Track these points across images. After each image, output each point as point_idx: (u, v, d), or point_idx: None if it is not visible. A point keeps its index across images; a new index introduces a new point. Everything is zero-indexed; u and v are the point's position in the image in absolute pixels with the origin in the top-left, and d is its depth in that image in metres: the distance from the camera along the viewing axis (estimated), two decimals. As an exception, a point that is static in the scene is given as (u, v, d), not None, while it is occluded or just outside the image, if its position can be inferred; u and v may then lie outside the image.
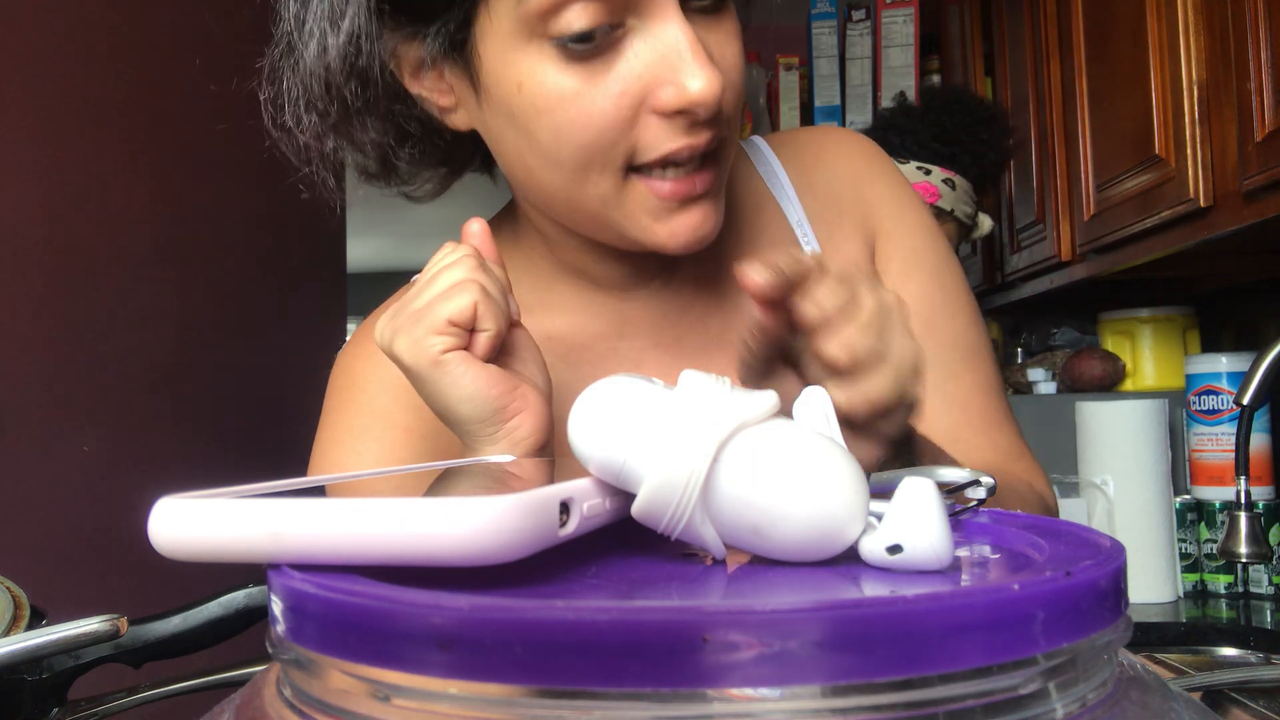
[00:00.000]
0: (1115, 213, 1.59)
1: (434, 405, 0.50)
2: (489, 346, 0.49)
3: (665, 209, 0.54)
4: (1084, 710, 0.23)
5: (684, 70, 0.50)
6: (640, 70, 0.51)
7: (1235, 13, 1.24)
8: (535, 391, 0.50)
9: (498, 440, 0.49)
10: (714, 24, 0.53)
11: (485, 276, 0.49)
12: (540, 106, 0.52)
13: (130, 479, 1.24)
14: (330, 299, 2.05)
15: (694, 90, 0.50)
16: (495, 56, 0.53)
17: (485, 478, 0.38)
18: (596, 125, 0.51)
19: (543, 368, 0.53)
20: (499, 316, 0.49)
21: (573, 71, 0.51)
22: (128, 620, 0.50)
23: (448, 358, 0.47)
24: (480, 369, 0.48)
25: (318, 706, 0.24)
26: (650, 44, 0.51)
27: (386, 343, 0.50)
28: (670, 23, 0.51)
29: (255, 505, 0.26)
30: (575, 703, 0.20)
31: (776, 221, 0.68)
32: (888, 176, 0.70)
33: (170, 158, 1.38)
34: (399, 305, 0.50)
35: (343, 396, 0.65)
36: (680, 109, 0.51)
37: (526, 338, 0.53)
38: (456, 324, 0.47)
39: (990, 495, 0.36)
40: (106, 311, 1.25)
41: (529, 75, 0.52)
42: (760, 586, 0.28)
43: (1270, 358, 1.07)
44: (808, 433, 0.30)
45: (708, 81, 0.50)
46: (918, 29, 2.54)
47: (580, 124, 0.52)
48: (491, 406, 0.48)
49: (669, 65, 0.51)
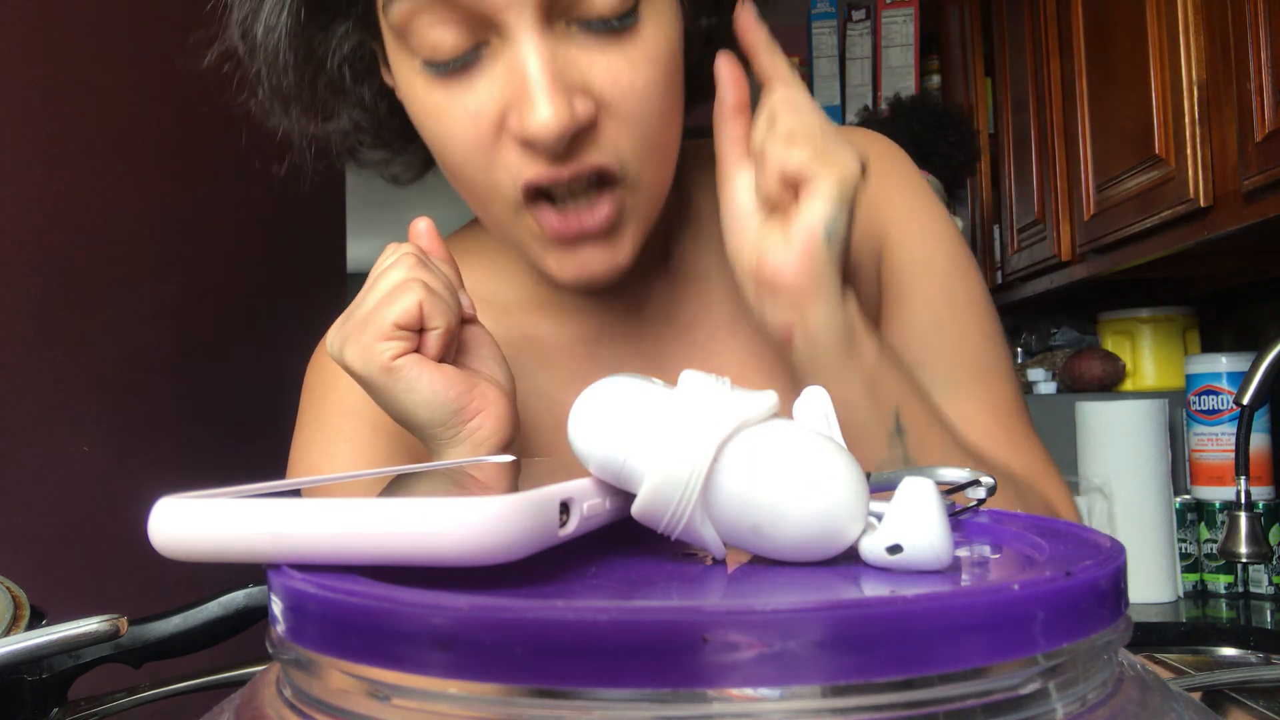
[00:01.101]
0: (1115, 213, 1.59)
1: (392, 412, 0.49)
2: (440, 345, 0.48)
3: (553, 243, 0.52)
4: (1084, 710, 0.23)
5: (525, 102, 0.47)
6: (496, 94, 0.48)
7: (1235, 13, 1.24)
8: (495, 388, 0.49)
9: (460, 442, 0.48)
10: (610, 45, 0.48)
11: (427, 274, 0.48)
12: (418, 118, 0.52)
13: (130, 479, 1.24)
14: (330, 299, 2.05)
15: (531, 124, 0.46)
16: (393, 62, 0.53)
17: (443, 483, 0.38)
18: (460, 145, 0.50)
19: (502, 363, 0.52)
20: (447, 313, 0.48)
21: (436, 87, 0.50)
22: (128, 620, 0.50)
23: (399, 363, 0.46)
24: (435, 371, 0.47)
25: (318, 706, 0.24)
26: (505, 67, 0.48)
27: (337, 352, 0.48)
28: (521, 44, 0.47)
29: (255, 505, 0.26)
30: (575, 703, 0.20)
31: None
32: (902, 181, 0.66)
33: (170, 157, 1.38)
34: (346, 313, 0.50)
35: (314, 395, 0.65)
36: (524, 141, 0.48)
37: (483, 334, 0.52)
38: (403, 326, 0.46)
39: (990, 495, 0.36)
40: (106, 311, 1.25)
41: (406, 86, 0.52)
42: (760, 586, 0.28)
43: (1270, 358, 1.07)
44: (808, 432, 0.30)
45: (548, 116, 0.46)
46: (918, 29, 2.54)
47: (447, 142, 0.51)
48: (450, 408, 0.47)
49: (515, 93, 0.48)
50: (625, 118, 0.49)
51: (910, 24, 2.54)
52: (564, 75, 0.47)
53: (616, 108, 0.49)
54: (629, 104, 0.49)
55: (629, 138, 0.50)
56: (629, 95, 0.49)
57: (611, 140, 0.49)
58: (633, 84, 0.49)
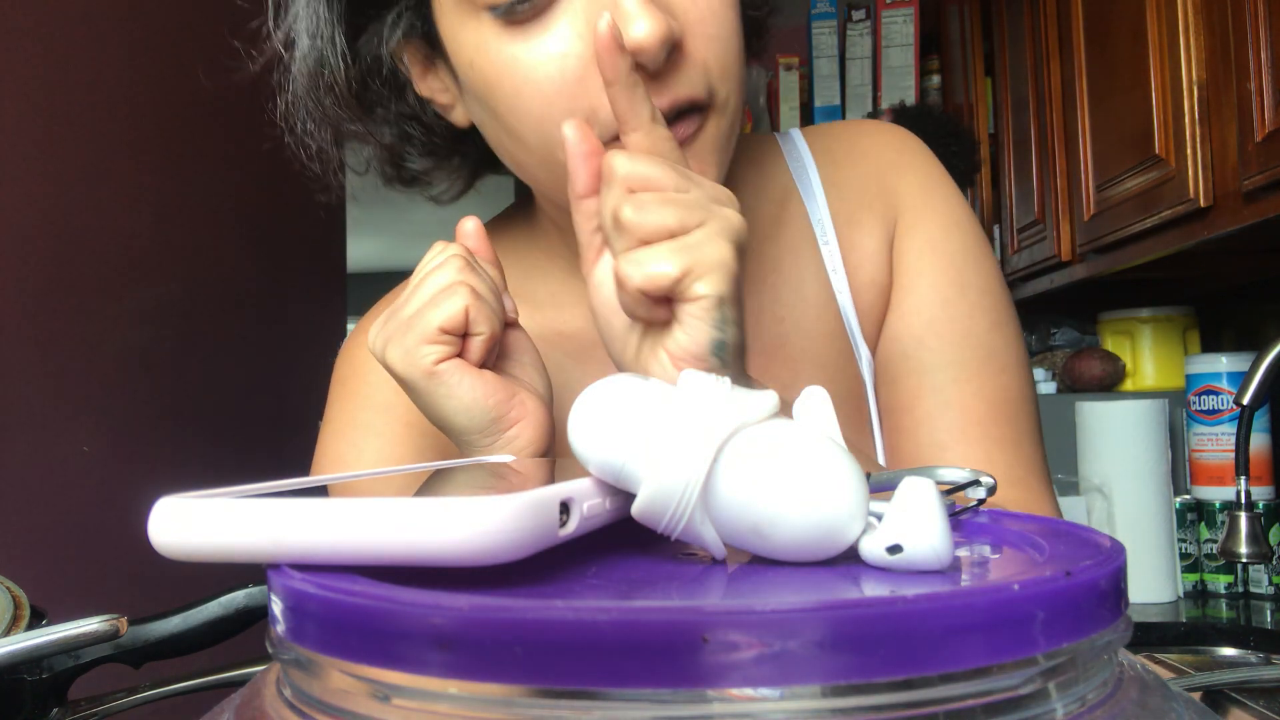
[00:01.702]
0: (1115, 213, 1.59)
1: (430, 415, 0.48)
2: (483, 351, 0.47)
3: None
4: (1084, 710, 0.23)
5: (620, 17, 0.45)
6: (579, 27, 0.48)
7: (1235, 13, 1.24)
8: (534, 398, 0.49)
9: (497, 450, 0.48)
10: None
11: (475, 277, 0.48)
12: (491, 81, 0.50)
13: (130, 479, 1.24)
14: (330, 299, 2.05)
15: (630, 36, 0.45)
16: (450, 36, 0.52)
17: (483, 476, 0.38)
18: (543, 92, 0.49)
19: (542, 371, 0.52)
20: (492, 319, 0.47)
21: (513, 39, 0.48)
22: (128, 620, 0.50)
23: (442, 368, 0.46)
24: (476, 378, 0.47)
25: (318, 706, 0.24)
26: None
27: (379, 352, 0.48)
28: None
29: (255, 505, 0.26)
30: (575, 703, 0.20)
31: (797, 219, 0.65)
32: (918, 167, 0.65)
33: (170, 157, 1.38)
34: (390, 311, 0.49)
35: (345, 389, 0.65)
36: None
37: (524, 339, 0.52)
38: (448, 331, 0.46)
39: (990, 495, 0.36)
40: (106, 311, 1.25)
41: (476, 50, 0.50)
42: (760, 586, 0.28)
43: (1270, 358, 1.07)
44: (808, 432, 0.30)
45: (649, 26, 0.45)
46: (918, 29, 2.54)
47: (527, 93, 0.49)
48: (489, 416, 0.47)
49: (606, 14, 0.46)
50: (709, 37, 0.49)
51: (910, 24, 2.54)
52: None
53: (700, 28, 0.49)
54: (710, 24, 0.49)
55: (715, 58, 0.49)
56: (709, 16, 0.49)
57: (700, 64, 0.49)
58: (710, 4, 0.49)
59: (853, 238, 0.64)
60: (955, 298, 0.62)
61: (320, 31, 0.54)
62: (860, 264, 0.64)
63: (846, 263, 0.64)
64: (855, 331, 0.63)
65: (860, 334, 0.63)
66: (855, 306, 0.63)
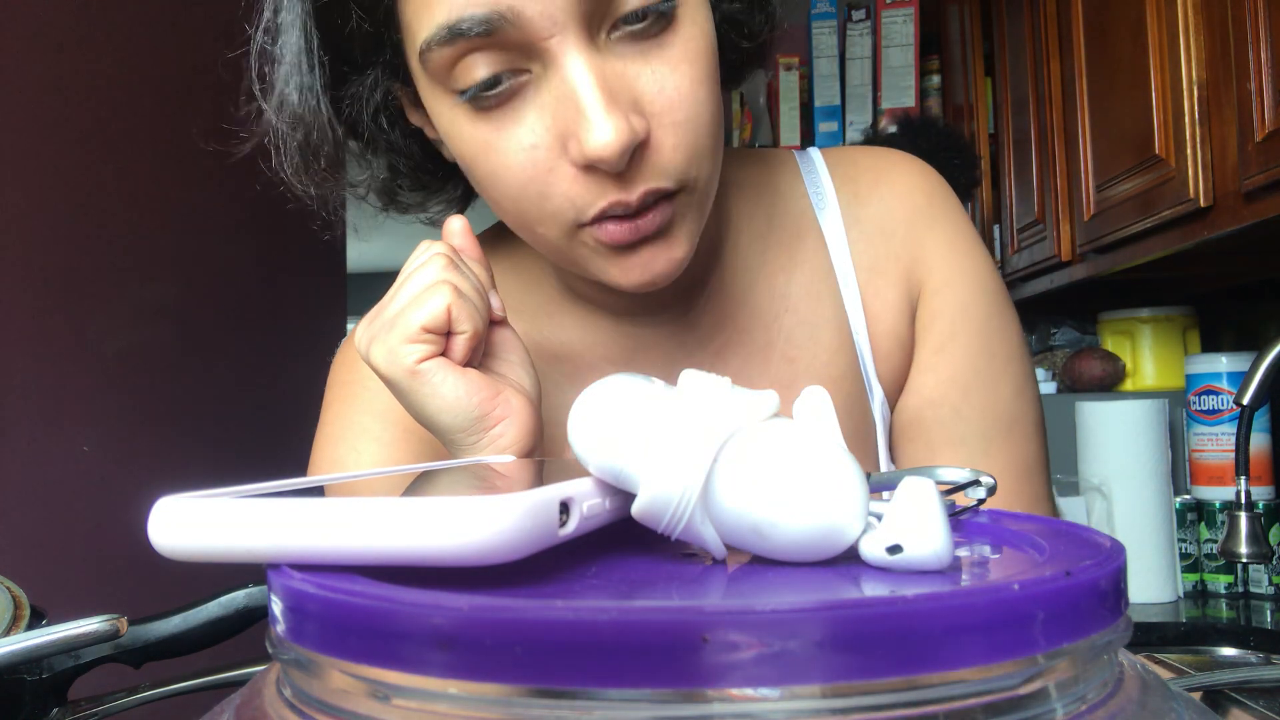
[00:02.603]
0: (1115, 213, 1.59)
1: (415, 414, 0.48)
2: (466, 349, 0.47)
3: (615, 251, 0.51)
4: (1084, 710, 0.23)
5: (581, 124, 0.46)
6: (548, 121, 0.47)
7: (1235, 13, 1.24)
8: (520, 396, 0.49)
9: (482, 449, 0.48)
10: (651, 50, 0.48)
11: (458, 276, 0.48)
12: (466, 156, 0.51)
13: (130, 479, 1.24)
14: (330, 299, 2.05)
15: (590, 145, 0.45)
16: (429, 106, 0.52)
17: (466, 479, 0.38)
18: (516, 179, 0.49)
19: (530, 368, 0.52)
20: (475, 317, 0.47)
21: (483, 124, 0.48)
22: (128, 620, 0.50)
23: (424, 367, 0.46)
24: (459, 377, 0.47)
25: (318, 706, 0.24)
26: (552, 92, 0.47)
27: (364, 350, 0.48)
28: (568, 65, 0.46)
29: (255, 505, 0.26)
30: (575, 703, 0.20)
31: (816, 257, 0.64)
32: (948, 219, 0.64)
33: (170, 157, 1.38)
34: (375, 311, 0.49)
35: (342, 393, 0.64)
36: (585, 164, 0.47)
37: (512, 337, 0.52)
38: (431, 330, 0.46)
39: (990, 495, 0.36)
40: (106, 311, 1.25)
41: (450, 127, 0.51)
42: (760, 586, 0.28)
43: (1270, 358, 1.07)
44: (808, 433, 0.30)
45: (611, 134, 0.45)
46: (918, 29, 2.54)
47: (502, 177, 0.49)
48: (473, 415, 0.47)
49: (569, 116, 0.46)
50: (675, 124, 0.48)
51: (910, 24, 2.54)
52: (614, 91, 0.46)
53: (667, 117, 0.48)
54: (678, 111, 0.48)
55: (683, 146, 0.49)
56: (676, 102, 0.48)
57: (667, 155, 0.48)
58: (678, 89, 0.48)
59: (876, 285, 0.63)
60: (984, 369, 0.62)
61: (303, 89, 0.54)
62: (881, 313, 0.63)
63: (867, 310, 0.63)
64: (870, 374, 0.63)
65: (875, 376, 0.63)
66: (873, 352, 0.63)
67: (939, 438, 0.63)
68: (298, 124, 0.55)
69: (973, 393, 0.62)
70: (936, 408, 0.63)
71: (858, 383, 0.63)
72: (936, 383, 0.63)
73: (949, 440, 0.62)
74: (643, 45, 0.48)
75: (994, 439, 0.62)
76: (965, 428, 0.62)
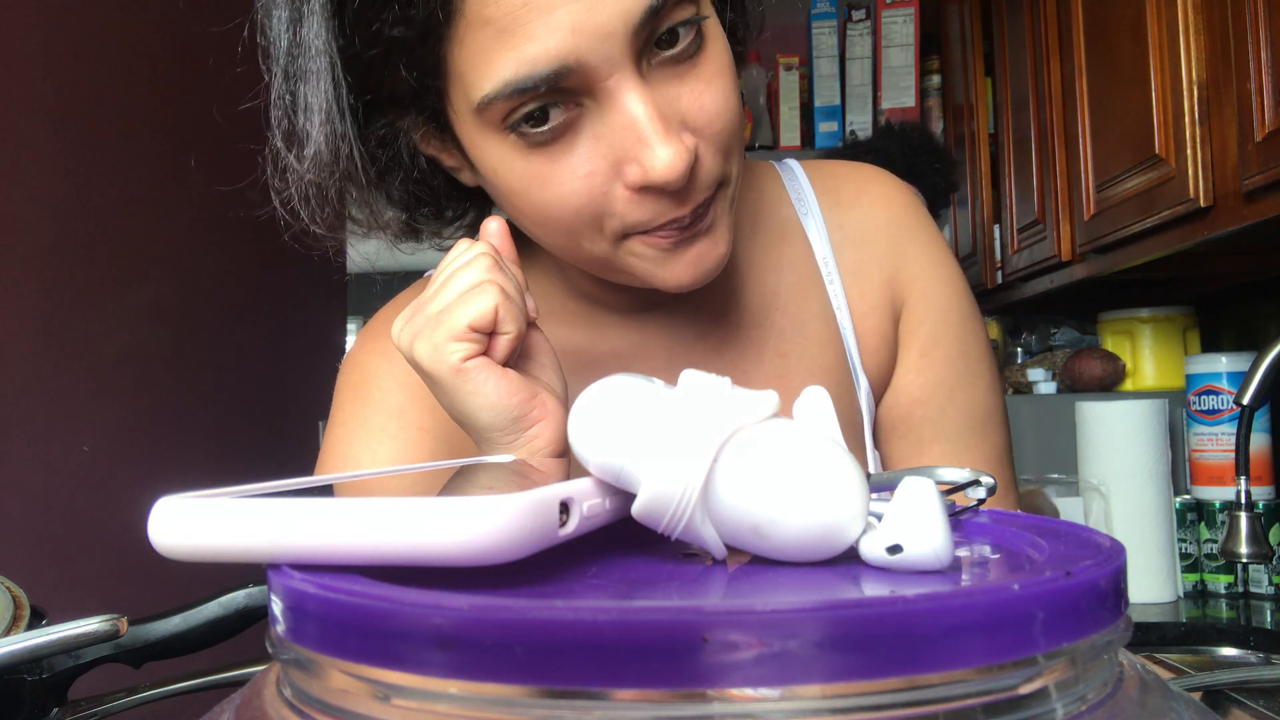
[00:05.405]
0: (1115, 213, 1.59)
1: (453, 411, 0.49)
2: (509, 350, 0.48)
3: (665, 253, 0.53)
4: (1084, 710, 0.23)
5: (643, 150, 0.48)
6: (604, 150, 0.49)
7: (1235, 13, 1.24)
8: (554, 399, 0.50)
9: (518, 449, 0.48)
10: (687, 71, 0.50)
11: (503, 277, 0.48)
12: (516, 190, 0.52)
13: (130, 479, 1.24)
14: (330, 299, 2.05)
15: (656, 171, 0.48)
16: (470, 143, 0.53)
17: (505, 475, 0.38)
18: (572, 206, 0.50)
19: (559, 372, 0.53)
20: (519, 318, 0.48)
21: (537, 158, 0.50)
22: (128, 620, 0.50)
23: (469, 365, 0.47)
24: (501, 377, 0.47)
25: (318, 706, 0.24)
26: (608, 123, 0.49)
27: (405, 347, 0.49)
28: (625, 99, 0.48)
29: (255, 505, 0.26)
30: (575, 703, 0.20)
31: (802, 257, 0.67)
32: (925, 232, 0.68)
33: (170, 157, 1.38)
34: (415, 306, 0.49)
35: (356, 392, 0.65)
36: (647, 187, 0.49)
37: (543, 340, 0.53)
38: (477, 329, 0.46)
39: (990, 495, 0.36)
40: (106, 311, 1.25)
41: (499, 163, 0.51)
42: (760, 586, 0.28)
43: (1270, 358, 1.07)
44: (808, 432, 0.30)
45: (671, 158, 0.47)
46: (918, 29, 2.54)
47: (555, 205, 0.51)
48: (512, 415, 0.47)
49: (628, 144, 0.48)
50: (714, 135, 0.51)
51: (910, 24, 2.54)
52: (666, 117, 0.49)
53: (709, 130, 0.51)
54: (716, 124, 0.51)
55: (722, 155, 0.52)
56: (714, 116, 0.51)
57: (710, 165, 0.51)
58: (715, 103, 0.51)
59: (860, 286, 0.67)
60: (963, 372, 0.67)
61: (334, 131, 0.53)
62: (866, 313, 0.67)
63: (852, 310, 0.67)
64: (857, 367, 0.67)
65: (861, 368, 0.67)
66: (859, 347, 0.67)
67: (927, 434, 0.67)
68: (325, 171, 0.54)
69: (956, 392, 0.67)
70: (924, 406, 0.67)
71: (845, 373, 0.66)
72: (924, 383, 0.67)
73: (936, 436, 0.67)
74: (679, 69, 0.50)
75: (975, 432, 0.67)
76: (950, 425, 0.67)
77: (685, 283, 0.54)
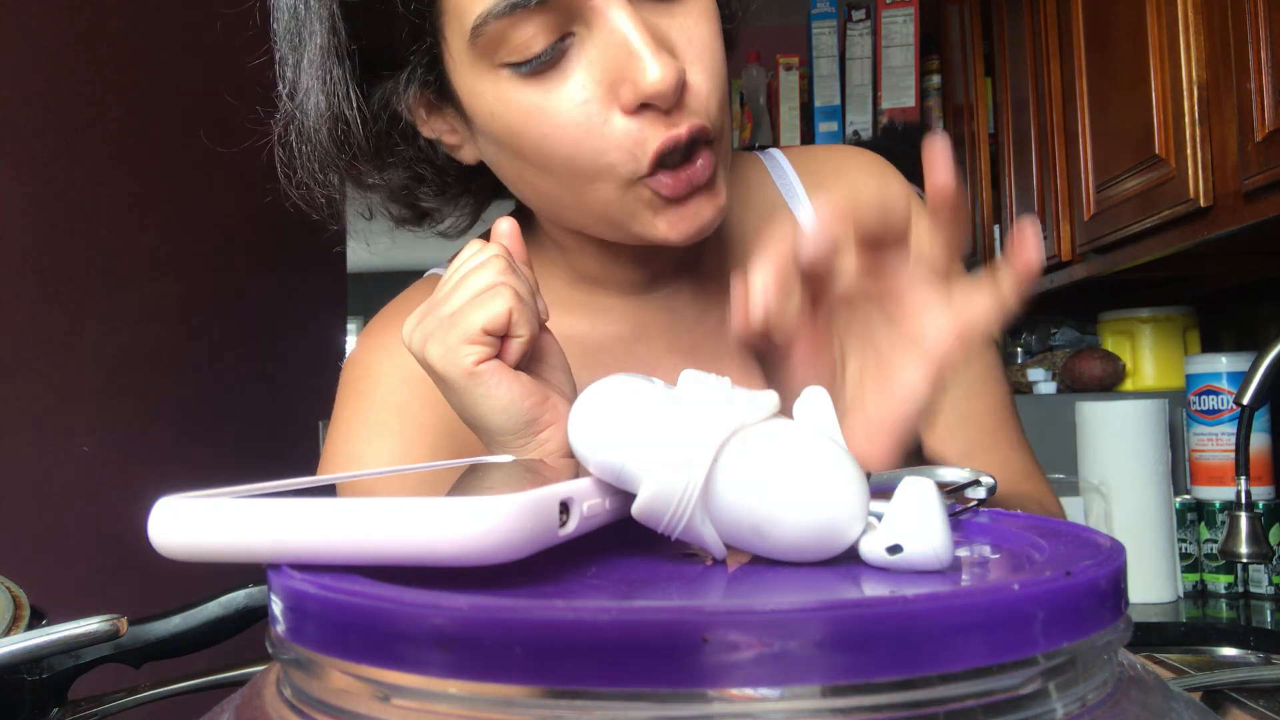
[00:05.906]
0: (1115, 213, 1.59)
1: (464, 414, 0.49)
2: (521, 353, 0.48)
3: (667, 204, 0.54)
4: (1084, 710, 0.23)
5: (635, 65, 0.49)
6: (597, 74, 0.51)
7: (1235, 13, 1.24)
8: (565, 402, 0.50)
9: (528, 452, 0.48)
10: (674, 7, 0.52)
11: (517, 280, 0.48)
12: (515, 128, 0.53)
13: (130, 479, 1.24)
14: (330, 299, 2.05)
15: (648, 82, 0.49)
16: (467, 89, 0.54)
17: (519, 472, 0.38)
18: (571, 136, 0.51)
19: (569, 375, 0.53)
20: (532, 322, 0.48)
21: (533, 89, 0.51)
22: (128, 620, 0.50)
23: (482, 368, 0.47)
24: (514, 380, 0.47)
25: (318, 706, 0.24)
26: (600, 46, 0.50)
27: (417, 349, 0.49)
28: (614, 18, 0.50)
29: (255, 505, 0.26)
30: (575, 703, 0.20)
31: None
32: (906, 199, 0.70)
33: (171, 157, 1.38)
34: (428, 307, 0.49)
35: (359, 388, 0.65)
36: (641, 103, 0.50)
37: (553, 342, 0.53)
38: (490, 332, 0.46)
39: (990, 495, 0.36)
40: (106, 311, 1.25)
41: (497, 101, 0.52)
42: (760, 586, 0.28)
43: (1270, 358, 1.07)
44: (808, 432, 0.30)
45: (662, 70, 0.49)
46: (918, 29, 2.54)
47: (555, 137, 0.52)
48: (524, 419, 0.47)
49: (620, 62, 0.50)
50: (706, 69, 0.52)
51: (910, 24, 2.54)
52: (656, 38, 0.50)
53: (698, 62, 0.52)
54: (704, 59, 0.52)
55: (715, 91, 0.53)
56: (702, 51, 0.52)
57: (704, 96, 0.52)
58: (703, 39, 0.53)
59: None
60: None
61: (335, 90, 0.55)
62: None
63: None
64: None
65: None
66: None
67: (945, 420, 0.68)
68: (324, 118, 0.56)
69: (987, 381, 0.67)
70: None
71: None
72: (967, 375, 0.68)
73: None
74: (666, 6, 0.52)
75: (974, 384, 0.68)
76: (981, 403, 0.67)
77: (685, 234, 0.55)
